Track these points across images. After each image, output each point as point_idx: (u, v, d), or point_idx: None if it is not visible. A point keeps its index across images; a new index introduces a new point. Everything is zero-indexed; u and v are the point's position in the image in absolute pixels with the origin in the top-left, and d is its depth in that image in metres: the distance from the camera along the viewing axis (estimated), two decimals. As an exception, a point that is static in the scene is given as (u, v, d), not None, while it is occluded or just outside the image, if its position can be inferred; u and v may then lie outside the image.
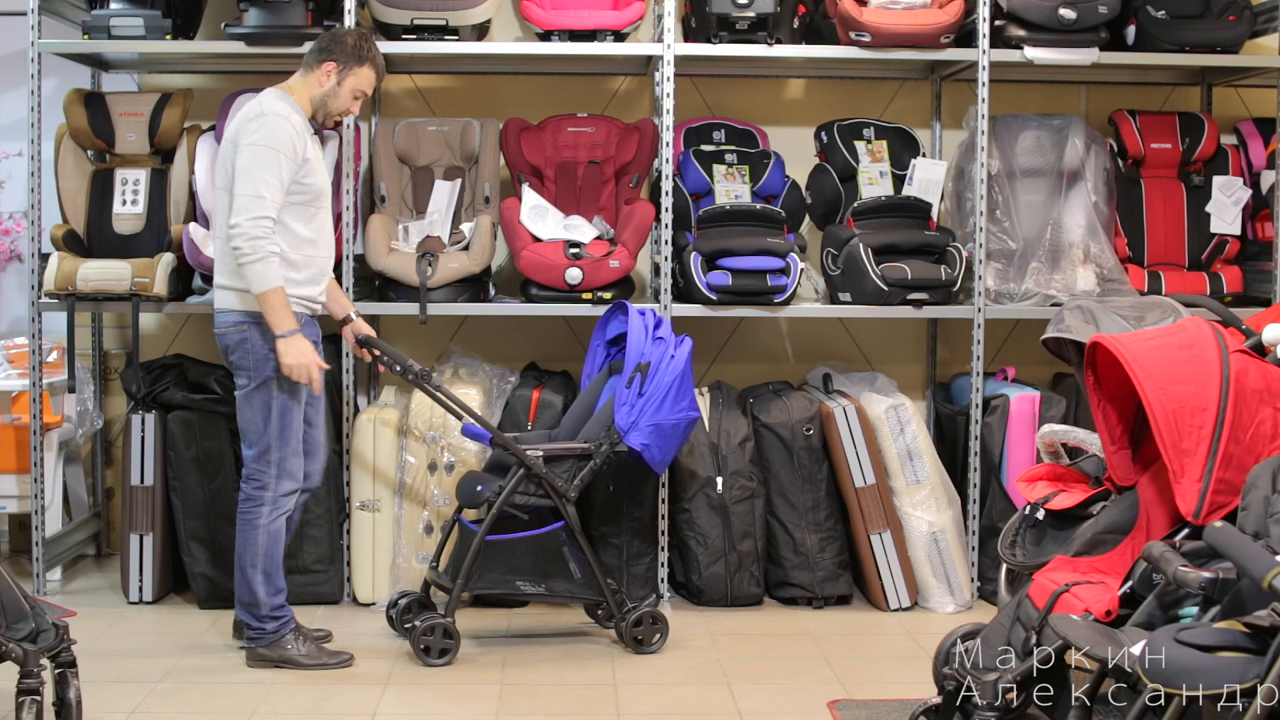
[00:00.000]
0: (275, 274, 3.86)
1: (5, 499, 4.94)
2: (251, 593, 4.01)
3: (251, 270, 3.84)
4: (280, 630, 4.05)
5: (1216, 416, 2.96)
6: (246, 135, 3.91)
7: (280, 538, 4.06)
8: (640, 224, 4.85)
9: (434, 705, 3.81)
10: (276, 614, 4.05)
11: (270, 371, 3.96)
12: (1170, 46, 4.95)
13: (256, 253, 3.83)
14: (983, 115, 4.88)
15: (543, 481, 4.17)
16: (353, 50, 4.05)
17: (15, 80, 5.18)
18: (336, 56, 4.04)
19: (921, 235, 4.90)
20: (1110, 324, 3.51)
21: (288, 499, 4.07)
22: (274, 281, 3.85)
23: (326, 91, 4.06)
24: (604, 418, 4.26)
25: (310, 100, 4.07)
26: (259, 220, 3.84)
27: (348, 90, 4.08)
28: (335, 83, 4.05)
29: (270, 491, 4.02)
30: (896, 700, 3.74)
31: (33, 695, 3.03)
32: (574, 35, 4.85)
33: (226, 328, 4.02)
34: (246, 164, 3.88)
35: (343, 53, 4.05)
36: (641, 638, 4.24)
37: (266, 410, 3.99)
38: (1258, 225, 5.18)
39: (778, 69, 5.42)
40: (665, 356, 4.25)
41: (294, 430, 4.05)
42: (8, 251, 5.38)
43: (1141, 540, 3.14)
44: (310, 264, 4.04)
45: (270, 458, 4.01)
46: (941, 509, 4.74)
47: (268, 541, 4.01)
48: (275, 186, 3.88)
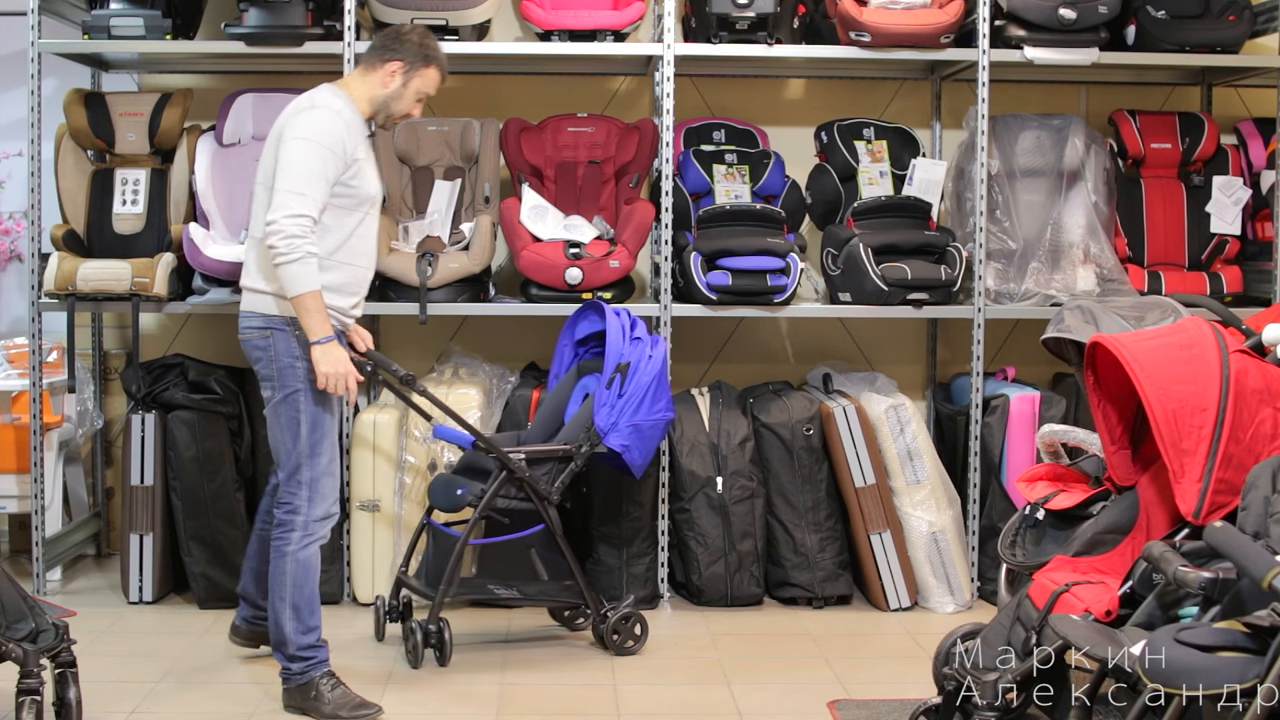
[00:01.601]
0: (313, 276, 3.57)
1: (5, 499, 4.93)
2: (279, 628, 3.67)
3: (288, 271, 3.54)
4: (308, 672, 3.68)
5: (1216, 416, 2.96)
6: (293, 128, 3.64)
7: (312, 569, 3.70)
8: (640, 224, 4.85)
9: (434, 705, 3.81)
10: (305, 654, 3.68)
11: (297, 383, 3.66)
12: (1170, 46, 4.95)
13: (293, 252, 3.53)
14: (983, 115, 4.88)
15: (524, 484, 4.15)
16: (418, 50, 3.81)
17: (15, 80, 5.18)
18: (402, 56, 3.79)
19: (921, 235, 4.90)
20: (1110, 324, 3.51)
21: (322, 525, 3.71)
22: (311, 284, 3.56)
23: (391, 93, 3.80)
24: (583, 419, 4.24)
25: (371, 101, 3.80)
26: (299, 219, 3.54)
27: (413, 92, 3.83)
28: (401, 84, 3.80)
29: (301, 516, 3.66)
30: (896, 700, 3.74)
31: (33, 695, 3.04)
32: (574, 35, 4.85)
33: (250, 333, 3.72)
34: (290, 158, 3.59)
35: (408, 52, 3.80)
36: (620, 635, 4.23)
37: (295, 425, 3.66)
38: (1258, 225, 5.18)
39: (778, 69, 5.42)
40: (644, 356, 4.26)
41: (327, 447, 3.70)
42: (8, 251, 5.38)
43: (1141, 540, 3.14)
44: (348, 273, 3.76)
45: (300, 478, 3.67)
46: (941, 509, 4.74)
47: (297, 571, 3.66)
48: (319, 184, 3.60)
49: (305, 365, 3.65)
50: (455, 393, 4.67)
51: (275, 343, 3.67)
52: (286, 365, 3.66)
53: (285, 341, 3.66)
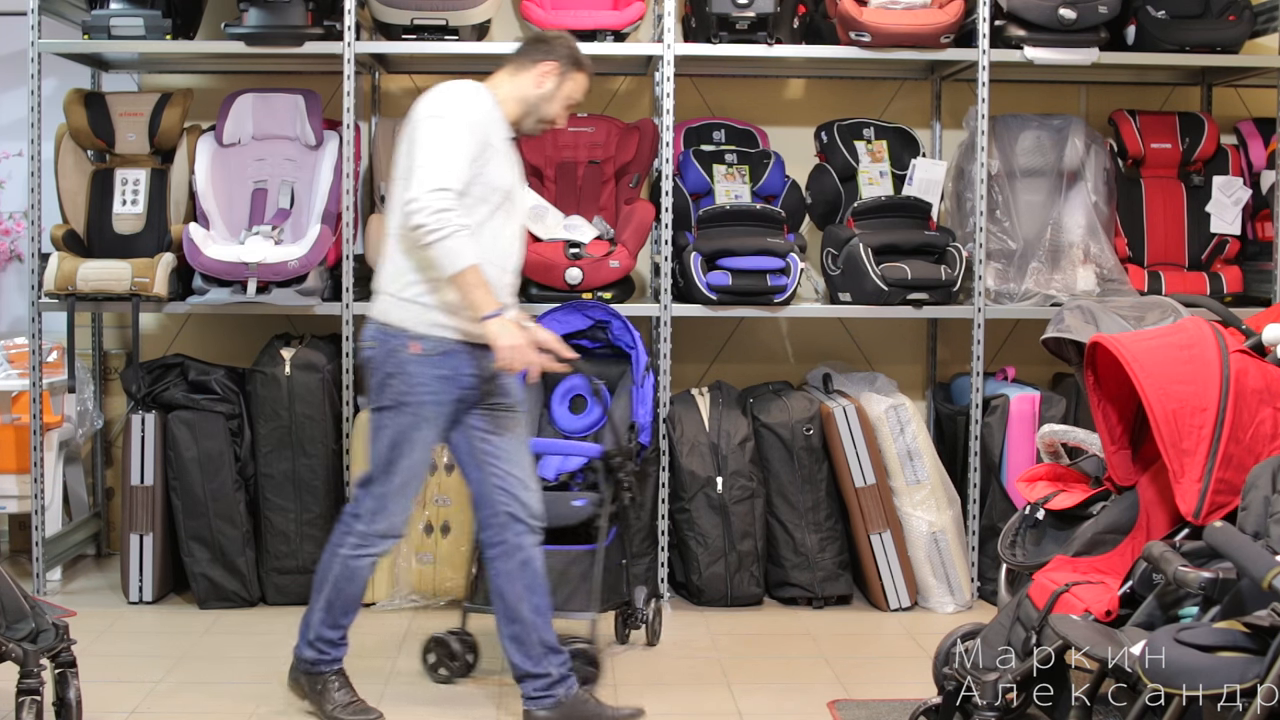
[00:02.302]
0: (468, 250, 3.29)
1: (5, 499, 4.93)
2: (309, 613, 3.61)
3: (441, 249, 3.27)
4: (319, 665, 3.61)
5: (1216, 416, 2.96)
6: (428, 108, 3.44)
7: (358, 578, 3.56)
8: (640, 224, 4.85)
9: (434, 706, 3.81)
10: (321, 646, 3.60)
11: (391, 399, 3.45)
12: (1170, 46, 4.95)
13: (444, 227, 3.26)
14: (983, 115, 4.88)
15: (620, 486, 4.07)
16: (570, 54, 3.63)
17: (15, 80, 5.18)
18: (556, 57, 3.60)
19: (921, 235, 4.90)
20: (1110, 324, 3.51)
21: (381, 542, 3.55)
22: (468, 258, 3.28)
23: (544, 94, 3.59)
24: (623, 417, 4.24)
25: (521, 101, 3.58)
26: (442, 192, 3.27)
27: (564, 95, 3.63)
28: (554, 85, 3.60)
29: (362, 525, 3.52)
30: (896, 700, 3.74)
31: (33, 695, 3.03)
32: (574, 35, 4.84)
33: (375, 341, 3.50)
34: (426, 136, 3.37)
35: (562, 54, 3.62)
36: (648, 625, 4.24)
37: (378, 437, 3.49)
38: (1258, 225, 5.18)
39: (778, 69, 5.42)
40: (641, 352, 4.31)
41: (404, 468, 3.49)
42: (8, 251, 5.38)
43: (1141, 540, 3.14)
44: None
45: (372, 490, 3.51)
46: (941, 509, 4.74)
47: (342, 575, 3.54)
48: (460, 159, 3.34)
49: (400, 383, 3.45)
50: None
51: (380, 353, 3.48)
52: (384, 377, 3.47)
53: (388, 354, 3.46)
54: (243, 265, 4.54)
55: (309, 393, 4.68)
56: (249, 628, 4.49)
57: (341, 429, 4.77)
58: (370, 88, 5.37)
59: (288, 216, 4.85)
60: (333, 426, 4.72)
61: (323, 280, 4.76)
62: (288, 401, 4.67)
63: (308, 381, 4.69)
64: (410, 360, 3.43)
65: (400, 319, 3.46)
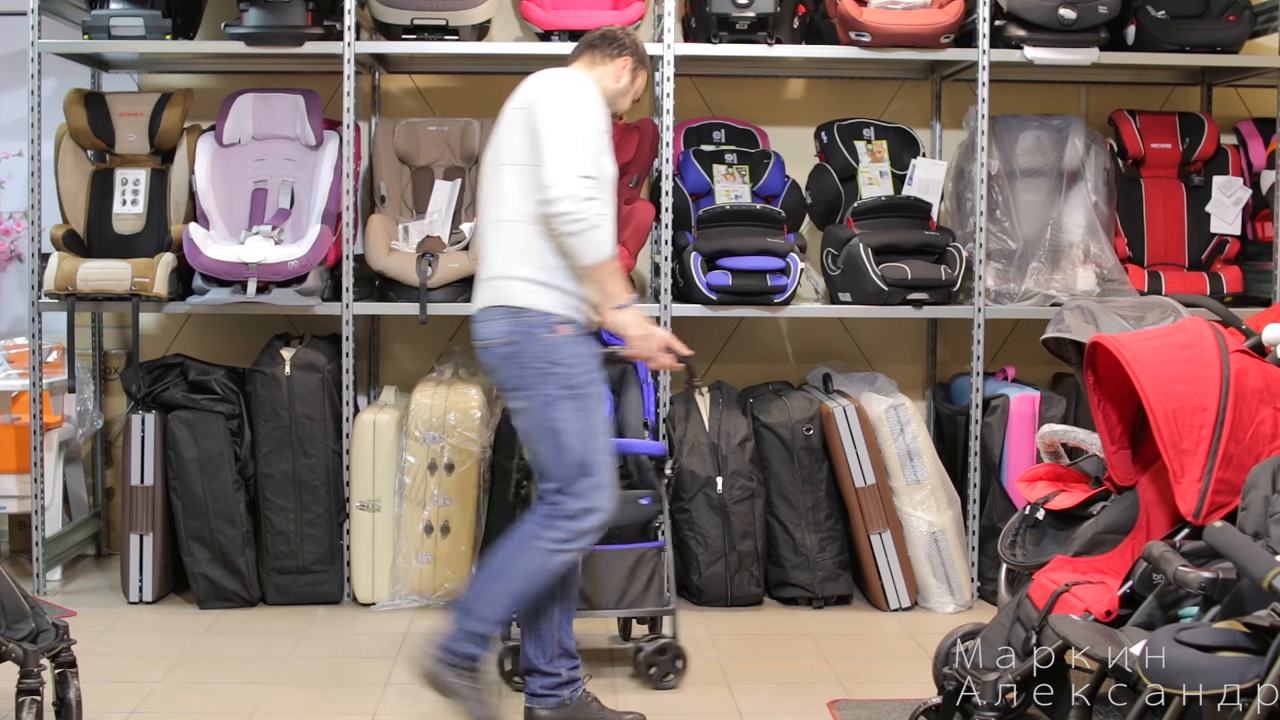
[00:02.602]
0: (610, 240, 3.27)
1: (5, 499, 4.93)
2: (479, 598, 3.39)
3: (587, 239, 3.21)
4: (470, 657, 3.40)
5: (1216, 416, 2.96)
6: (551, 91, 3.38)
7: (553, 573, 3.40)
8: (640, 224, 4.85)
9: (434, 705, 3.81)
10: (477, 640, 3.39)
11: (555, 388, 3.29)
12: (1170, 46, 4.95)
13: (589, 215, 3.19)
14: (983, 115, 4.88)
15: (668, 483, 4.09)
16: (642, 51, 3.66)
17: (15, 80, 5.18)
18: (632, 52, 3.61)
19: (921, 235, 4.90)
20: (1110, 324, 3.51)
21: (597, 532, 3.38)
22: (610, 248, 3.26)
23: (621, 88, 3.61)
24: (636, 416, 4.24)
25: (604, 93, 3.54)
26: (587, 181, 3.21)
27: (636, 90, 3.66)
28: (629, 80, 3.63)
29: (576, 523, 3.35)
30: (896, 700, 3.74)
31: (33, 695, 3.03)
32: (574, 35, 4.84)
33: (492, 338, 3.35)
34: (558, 118, 3.29)
35: (636, 50, 3.63)
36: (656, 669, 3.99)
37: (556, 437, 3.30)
38: (1258, 225, 5.19)
39: (778, 69, 5.42)
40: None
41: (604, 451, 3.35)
42: (8, 251, 5.38)
43: (1141, 540, 3.14)
44: None
45: (575, 488, 3.33)
46: (941, 509, 4.74)
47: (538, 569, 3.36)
48: (595, 147, 3.31)
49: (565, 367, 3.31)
50: (455, 392, 4.68)
51: (527, 345, 3.31)
52: (545, 367, 3.30)
53: (533, 343, 3.30)
54: (243, 265, 4.55)
55: (309, 393, 4.69)
56: (249, 628, 4.49)
57: (342, 429, 4.77)
58: (370, 88, 5.37)
59: (288, 216, 4.85)
60: (333, 426, 4.72)
61: (323, 280, 4.77)
62: (288, 401, 4.67)
63: (308, 381, 4.69)
64: (566, 343, 3.32)
65: (540, 303, 3.32)
